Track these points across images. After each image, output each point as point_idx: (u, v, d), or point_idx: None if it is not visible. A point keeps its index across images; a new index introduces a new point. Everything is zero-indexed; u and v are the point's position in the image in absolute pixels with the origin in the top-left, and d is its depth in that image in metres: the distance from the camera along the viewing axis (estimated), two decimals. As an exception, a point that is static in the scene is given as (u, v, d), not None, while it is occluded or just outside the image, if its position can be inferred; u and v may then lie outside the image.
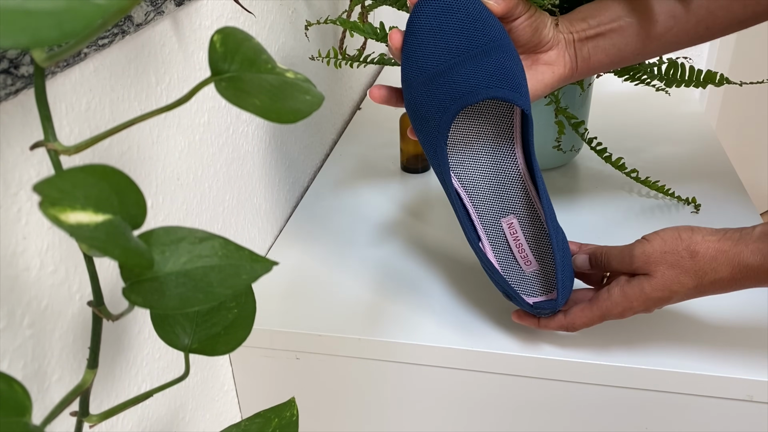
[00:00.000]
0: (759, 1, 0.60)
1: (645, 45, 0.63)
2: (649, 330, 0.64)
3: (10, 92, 0.38)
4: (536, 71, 0.63)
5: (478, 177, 0.62)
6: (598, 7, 0.63)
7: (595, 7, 0.63)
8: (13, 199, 0.40)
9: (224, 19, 0.64)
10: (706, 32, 0.63)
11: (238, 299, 0.41)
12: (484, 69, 0.55)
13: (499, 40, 0.56)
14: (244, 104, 0.31)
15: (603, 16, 0.62)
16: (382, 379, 0.67)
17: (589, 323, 0.58)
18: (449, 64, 0.55)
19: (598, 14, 0.62)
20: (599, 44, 0.63)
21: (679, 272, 0.54)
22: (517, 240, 0.62)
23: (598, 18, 0.62)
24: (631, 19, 0.62)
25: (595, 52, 0.63)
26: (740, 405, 0.60)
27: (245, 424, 0.42)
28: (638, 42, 0.62)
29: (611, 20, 0.62)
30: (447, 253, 0.76)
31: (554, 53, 0.62)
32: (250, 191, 0.74)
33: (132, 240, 0.29)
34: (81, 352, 0.47)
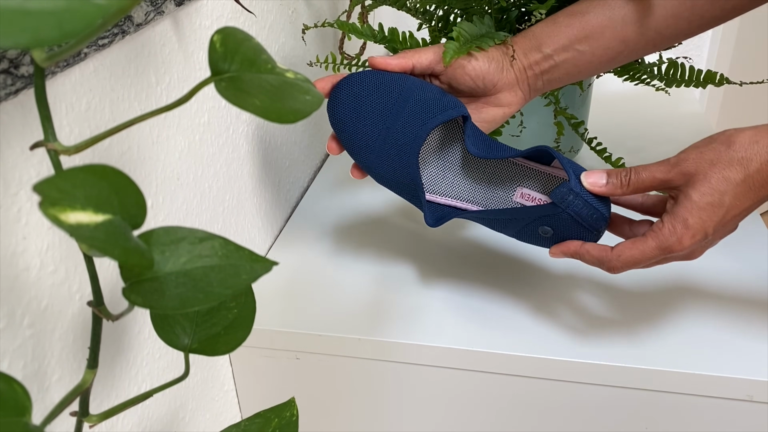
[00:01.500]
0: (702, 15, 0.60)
1: (597, 70, 0.63)
2: (649, 330, 0.64)
3: (10, 92, 0.38)
4: (485, 112, 0.62)
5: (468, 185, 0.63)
6: (551, 33, 0.61)
7: (547, 32, 0.62)
8: (13, 199, 0.40)
9: (224, 19, 0.64)
10: (655, 50, 0.63)
11: (238, 299, 0.41)
12: (412, 112, 0.58)
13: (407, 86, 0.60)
14: (244, 104, 0.31)
15: (556, 44, 0.61)
16: (382, 379, 0.67)
17: (640, 258, 0.53)
18: (385, 129, 0.59)
19: (551, 41, 0.61)
20: (553, 76, 0.62)
21: (721, 167, 0.50)
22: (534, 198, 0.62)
23: (551, 46, 0.61)
24: (583, 47, 0.61)
25: (548, 83, 0.63)
26: (740, 405, 0.60)
27: (245, 424, 0.42)
28: (590, 68, 0.63)
29: (564, 48, 0.61)
30: (447, 252, 0.76)
31: (504, 95, 0.62)
32: (250, 191, 0.74)
33: (132, 240, 0.29)
34: (81, 352, 0.47)
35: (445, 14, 0.77)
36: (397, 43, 0.73)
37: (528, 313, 0.67)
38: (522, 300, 0.68)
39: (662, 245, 0.52)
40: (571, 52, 0.61)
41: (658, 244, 0.52)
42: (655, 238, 0.52)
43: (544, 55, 0.61)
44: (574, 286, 0.70)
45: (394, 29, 0.74)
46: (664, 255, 0.53)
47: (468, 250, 0.76)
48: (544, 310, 0.67)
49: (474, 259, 0.75)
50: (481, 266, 0.74)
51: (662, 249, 0.52)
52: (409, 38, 0.74)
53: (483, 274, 0.72)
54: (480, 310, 0.67)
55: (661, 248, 0.52)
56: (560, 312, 0.66)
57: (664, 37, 0.61)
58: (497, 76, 0.61)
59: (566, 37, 0.61)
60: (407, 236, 0.80)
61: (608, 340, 0.63)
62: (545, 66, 0.62)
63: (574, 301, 0.68)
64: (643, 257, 0.53)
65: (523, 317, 0.66)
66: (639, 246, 0.53)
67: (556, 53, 0.61)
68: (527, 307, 0.67)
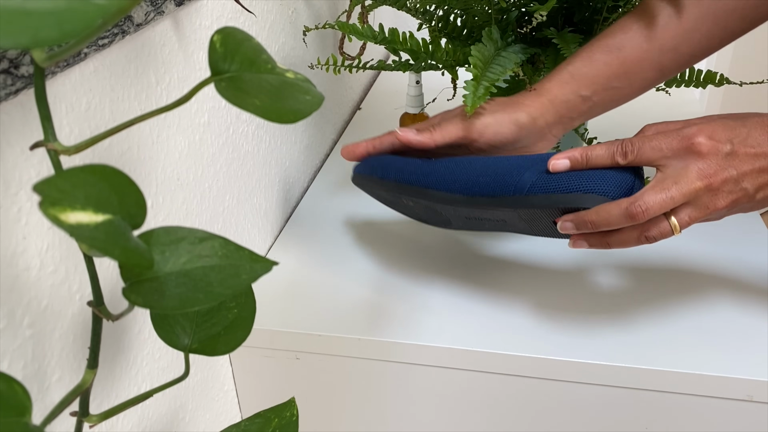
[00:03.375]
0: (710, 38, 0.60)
1: (629, 99, 0.63)
2: (649, 330, 0.64)
3: (10, 92, 0.38)
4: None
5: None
6: (588, 73, 0.60)
7: (585, 73, 0.60)
8: (13, 199, 0.40)
9: (224, 19, 0.64)
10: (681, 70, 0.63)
11: (238, 299, 0.41)
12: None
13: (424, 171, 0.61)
14: (244, 104, 0.31)
15: (596, 85, 0.60)
16: (382, 379, 0.67)
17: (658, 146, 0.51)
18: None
19: (590, 82, 0.60)
20: (590, 114, 0.62)
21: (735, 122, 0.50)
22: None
23: (591, 88, 0.60)
24: (621, 84, 0.60)
25: (583, 119, 0.63)
26: (740, 405, 0.60)
27: (245, 424, 0.42)
28: (625, 100, 0.63)
29: (604, 89, 0.60)
30: (447, 252, 0.76)
31: (539, 146, 0.62)
32: (250, 191, 0.74)
33: (132, 240, 0.29)
34: (81, 352, 0.47)
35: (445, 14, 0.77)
36: (397, 44, 0.73)
37: (528, 313, 0.67)
38: (522, 300, 0.68)
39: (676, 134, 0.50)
40: (609, 91, 0.61)
41: (672, 133, 0.51)
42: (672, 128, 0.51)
43: (583, 98, 0.60)
44: (573, 286, 0.70)
45: (394, 29, 0.74)
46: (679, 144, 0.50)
47: (468, 250, 0.76)
48: (544, 310, 0.67)
49: (474, 259, 0.75)
50: (481, 266, 0.74)
51: (675, 137, 0.50)
52: (409, 38, 0.74)
53: (483, 274, 0.72)
54: (480, 310, 0.67)
55: (674, 137, 0.50)
56: (560, 312, 0.66)
57: (694, 58, 0.61)
58: (534, 137, 0.61)
59: (605, 77, 0.60)
60: (407, 236, 0.80)
61: (608, 340, 0.63)
62: (584, 108, 0.61)
63: (574, 302, 0.68)
64: (651, 147, 0.51)
65: (523, 317, 0.66)
66: (650, 136, 0.52)
67: (596, 94, 0.60)
68: (527, 307, 0.67)
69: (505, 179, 0.57)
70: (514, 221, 0.59)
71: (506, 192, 0.56)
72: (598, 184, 0.53)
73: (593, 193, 0.53)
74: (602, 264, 0.73)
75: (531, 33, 0.76)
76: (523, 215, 0.57)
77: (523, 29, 0.75)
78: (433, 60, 0.75)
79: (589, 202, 0.53)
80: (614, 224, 0.52)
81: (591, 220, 0.52)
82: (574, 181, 0.54)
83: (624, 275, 0.71)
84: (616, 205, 0.51)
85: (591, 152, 0.54)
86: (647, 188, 0.51)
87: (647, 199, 0.50)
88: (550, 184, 0.54)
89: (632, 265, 0.72)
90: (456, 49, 0.73)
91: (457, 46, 0.74)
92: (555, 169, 0.54)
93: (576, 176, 0.54)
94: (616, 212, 0.51)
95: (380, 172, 0.65)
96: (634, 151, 0.52)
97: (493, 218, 0.60)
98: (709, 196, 0.50)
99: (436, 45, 0.74)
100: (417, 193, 0.61)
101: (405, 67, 0.77)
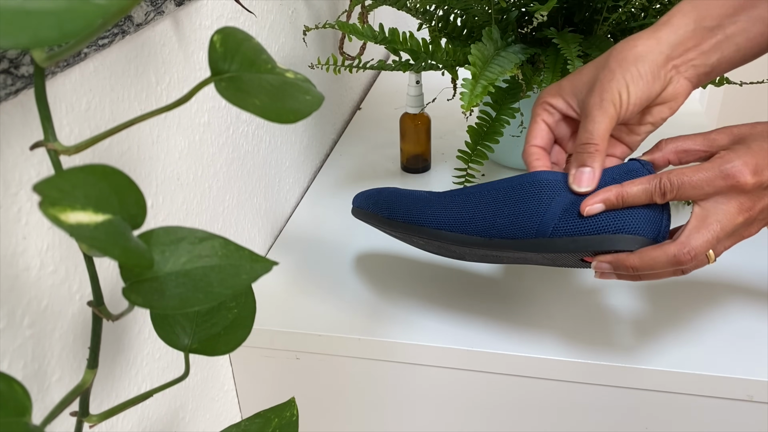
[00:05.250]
0: None
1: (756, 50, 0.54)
2: (649, 330, 0.64)
3: (10, 92, 0.38)
4: (650, 115, 0.55)
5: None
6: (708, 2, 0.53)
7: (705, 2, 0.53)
8: (13, 199, 0.40)
9: (224, 19, 0.64)
10: None
11: (238, 299, 0.41)
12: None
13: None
14: (244, 104, 0.31)
15: (722, 14, 0.52)
16: (382, 379, 0.67)
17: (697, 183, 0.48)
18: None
19: (714, 11, 0.53)
20: (724, 53, 0.53)
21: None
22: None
23: (716, 18, 0.53)
24: (745, 19, 0.52)
25: (719, 65, 0.54)
26: (740, 405, 0.60)
27: (245, 424, 0.42)
28: (752, 46, 0.54)
29: (731, 19, 0.52)
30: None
31: (667, 92, 0.54)
32: (250, 191, 0.74)
33: (132, 240, 0.29)
34: (81, 352, 0.47)
35: (445, 14, 0.77)
36: (397, 44, 0.73)
37: (528, 314, 0.67)
38: (522, 300, 0.68)
39: (718, 170, 0.48)
40: (740, 23, 0.53)
41: (713, 167, 0.48)
42: (711, 161, 0.48)
43: (709, 29, 0.53)
44: (573, 287, 0.70)
45: (394, 29, 0.74)
46: (723, 181, 0.48)
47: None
48: (544, 311, 0.67)
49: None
50: (481, 266, 0.74)
51: (718, 174, 0.48)
52: (409, 38, 0.74)
53: (483, 274, 0.72)
54: (480, 310, 0.67)
55: (717, 174, 0.48)
56: (560, 312, 0.66)
57: None
58: (663, 81, 0.53)
59: (732, 6, 0.53)
60: (407, 236, 0.80)
61: (608, 340, 0.63)
62: (713, 41, 0.53)
63: (574, 302, 0.68)
64: (692, 184, 0.48)
65: (523, 317, 0.66)
66: (689, 171, 0.49)
67: (722, 28, 0.53)
68: (527, 307, 0.67)
69: (525, 220, 0.53)
70: (536, 259, 0.56)
71: (527, 235, 0.53)
72: (631, 224, 0.50)
73: (626, 234, 0.50)
74: (602, 264, 0.73)
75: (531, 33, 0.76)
76: (547, 255, 0.54)
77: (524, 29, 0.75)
78: (433, 60, 0.75)
79: (622, 243, 0.50)
80: (658, 269, 0.49)
81: (633, 264, 0.50)
82: (602, 221, 0.50)
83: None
84: (662, 252, 0.49)
85: (626, 192, 0.50)
86: (690, 230, 0.49)
87: (694, 244, 0.48)
88: (576, 224, 0.51)
89: (632, 265, 0.72)
90: (456, 49, 0.73)
91: (457, 46, 0.74)
92: (589, 214, 0.51)
93: (604, 215, 0.50)
94: (662, 259, 0.49)
95: (386, 210, 0.60)
96: (673, 191, 0.49)
97: (513, 256, 0.56)
98: (746, 227, 0.50)
99: (436, 45, 0.74)
100: (429, 235, 0.58)
101: (405, 67, 0.77)
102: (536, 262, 0.57)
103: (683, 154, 0.54)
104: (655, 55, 0.53)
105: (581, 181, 0.52)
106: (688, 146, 0.53)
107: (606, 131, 0.53)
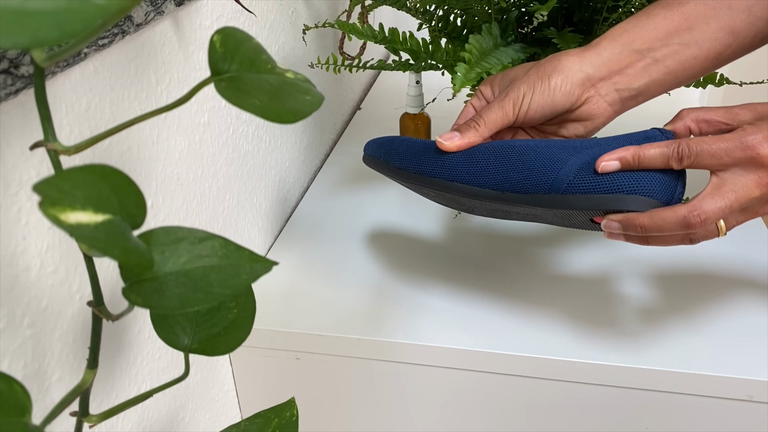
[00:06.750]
0: None
1: (703, 69, 0.56)
2: (649, 330, 0.64)
3: (10, 92, 0.38)
4: (565, 129, 0.57)
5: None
6: (645, 26, 0.54)
7: (641, 26, 0.54)
8: (13, 199, 0.40)
9: (224, 19, 0.64)
10: (762, 43, 0.56)
11: (238, 299, 0.41)
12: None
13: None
14: (244, 104, 0.31)
15: (653, 37, 0.53)
16: (382, 379, 0.67)
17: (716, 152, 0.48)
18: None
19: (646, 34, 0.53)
20: (652, 77, 0.55)
21: None
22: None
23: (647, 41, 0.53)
24: (685, 40, 0.53)
25: (648, 88, 0.55)
26: (740, 405, 0.60)
27: (245, 424, 0.42)
28: (696, 66, 0.55)
29: (663, 42, 0.53)
30: (447, 252, 0.76)
31: (587, 108, 0.55)
32: (250, 191, 0.74)
33: (132, 240, 0.29)
34: (81, 352, 0.47)
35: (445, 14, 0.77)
36: (397, 44, 0.73)
37: (527, 314, 0.67)
38: (522, 300, 0.68)
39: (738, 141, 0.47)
40: (671, 48, 0.54)
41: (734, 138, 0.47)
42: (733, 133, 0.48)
43: (637, 52, 0.54)
44: (573, 287, 0.70)
45: (394, 29, 0.74)
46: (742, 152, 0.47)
47: (468, 250, 0.76)
48: (544, 311, 0.67)
49: (474, 259, 0.75)
50: (481, 266, 0.74)
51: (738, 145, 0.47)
52: (409, 38, 0.74)
53: (483, 274, 0.72)
54: (480, 310, 0.67)
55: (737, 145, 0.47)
56: (560, 312, 0.66)
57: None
58: (577, 99, 0.55)
59: (665, 31, 0.53)
60: (407, 236, 0.80)
61: (608, 340, 0.63)
62: (640, 65, 0.54)
63: (574, 302, 0.68)
64: (711, 152, 0.48)
65: (523, 317, 0.66)
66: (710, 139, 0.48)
67: (653, 50, 0.54)
68: (527, 307, 0.67)
69: (539, 176, 0.52)
70: (546, 216, 0.56)
71: (541, 190, 0.52)
72: (645, 185, 0.49)
73: (639, 195, 0.49)
74: (602, 265, 0.73)
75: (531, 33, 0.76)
76: (558, 212, 0.54)
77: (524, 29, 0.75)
78: (433, 60, 0.75)
79: (635, 204, 0.50)
80: (667, 231, 0.49)
81: (642, 224, 0.49)
82: (616, 181, 0.50)
83: (623, 276, 0.71)
84: (672, 212, 0.48)
85: (643, 154, 0.50)
86: (704, 195, 0.48)
87: (706, 208, 0.48)
88: (590, 182, 0.51)
89: (632, 267, 0.72)
90: (456, 49, 0.73)
91: (457, 46, 0.74)
92: (604, 171, 0.50)
93: (618, 175, 0.50)
94: (671, 219, 0.48)
95: (398, 160, 0.59)
96: (691, 156, 0.49)
97: (523, 212, 0.56)
98: (761, 203, 0.49)
99: (436, 45, 0.74)
100: (442, 186, 0.57)
101: (405, 67, 0.77)
102: (546, 219, 0.57)
103: (704, 124, 0.53)
104: (573, 72, 0.54)
105: (447, 137, 0.56)
106: (710, 116, 0.53)
107: (494, 121, 0.56)
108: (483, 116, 0.56)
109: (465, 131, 0.56)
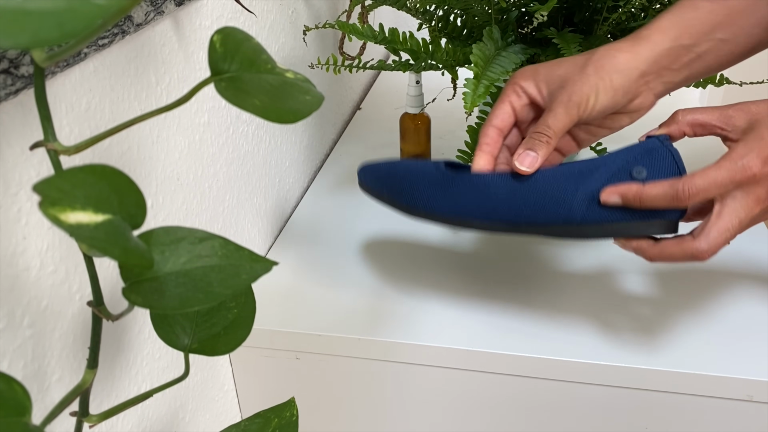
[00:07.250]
0: None
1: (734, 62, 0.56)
2: (649, 330, 0.64)
3: (10, 92, 0.38)
4: (611, 121, 0.57)
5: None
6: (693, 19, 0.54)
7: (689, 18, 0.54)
8: (13, 199, 0.40)
9: (224, 19, 0.64)
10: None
11: (238, 299, 0.41)
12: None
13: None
14: (244, 104, 0.31)
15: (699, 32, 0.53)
16: (382, 379, 0.67)
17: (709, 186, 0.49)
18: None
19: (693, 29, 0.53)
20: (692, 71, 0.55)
21: None
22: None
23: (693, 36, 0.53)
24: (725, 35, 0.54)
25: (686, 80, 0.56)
26: (740, 405, 0.60)
27: (245, 424, 0.42)
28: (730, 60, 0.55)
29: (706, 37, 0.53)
30: (447, 252, 0.76)
31: (634, 103, 0.55)
32: (250, 191, 0.74)
33: (132, 240, 0.29)
34: (81, 352, 0.47)
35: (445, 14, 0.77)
36: (397, 44, 0.73)
37: (528, 314, 0.67)
38: (522, 300, 0.68)
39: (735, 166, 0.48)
40: (713, 43, 0.54)
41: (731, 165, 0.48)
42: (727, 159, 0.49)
43: (685, 47, 0.54)
44: (573, 287, 0.70)
45: (394, 29, 0.74)
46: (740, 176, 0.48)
47: (468, 250, 0.76)
48: (544, 311, 0.67)
49: (474, 260, 0.75)
50: (481, 266, 0.74)
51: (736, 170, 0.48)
52: (409, 38, 0.74)
53: (483, 274, 0.72)
54: (480, 310, 0.67)
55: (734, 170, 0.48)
56: (559, 312, 0.66)
57: None
58: (631, 95, 0.55)
59: (710, 24, 0.53)
60: (407, 236, 0.80)
61: (608, 341, 0.63)
62: (685, 59, 0.54)
63: (574, 302, 0.68)
64: (714, 185, 0.49)
65: (523, 317, 0.66)
66: (710, 173, 0.49)
67: (698, 45, 0.54)
68: (527, 307, 0.67)
69: (552, 210, 0.53)
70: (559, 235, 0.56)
71: (556, 222, 0.53)
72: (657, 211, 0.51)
73: (653, 220, 0.51)
74: (602, 265, 0.73)
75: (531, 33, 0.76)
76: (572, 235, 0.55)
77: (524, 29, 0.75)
78: (433, 60, 0.75)
79: (651, 229, 0.51)
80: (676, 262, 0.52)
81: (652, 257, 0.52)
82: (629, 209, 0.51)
83: (623, 276, 0.71)
84: (680, 249, 0.50)
85: (646, 194, 0.51)
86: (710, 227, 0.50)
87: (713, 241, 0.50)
88: (603, 212, 0.52)
89: (632, 266, 0.72)
90: (456, 49, 0.73)
91: (457, 46, 0.74)
92: (606, 203, 0.52)
93: None
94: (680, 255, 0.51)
95: (405, 197, 0.58)
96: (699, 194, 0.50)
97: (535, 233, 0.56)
98: (762, 215, 0.51)
99: (436, 45, 0.74)
100: (456, 223, 0.57)
101: (405, 67, 0.77)
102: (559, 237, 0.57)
103: (699, 128, 0.54)
104: (631, 70, 0.54)
105: (524, 161, 0.54)
106: (704, 119, 0.53)
107: (563, 129, 0.54)
108: (551, 126, 0.54)
109: (538, 148, 0.54)
